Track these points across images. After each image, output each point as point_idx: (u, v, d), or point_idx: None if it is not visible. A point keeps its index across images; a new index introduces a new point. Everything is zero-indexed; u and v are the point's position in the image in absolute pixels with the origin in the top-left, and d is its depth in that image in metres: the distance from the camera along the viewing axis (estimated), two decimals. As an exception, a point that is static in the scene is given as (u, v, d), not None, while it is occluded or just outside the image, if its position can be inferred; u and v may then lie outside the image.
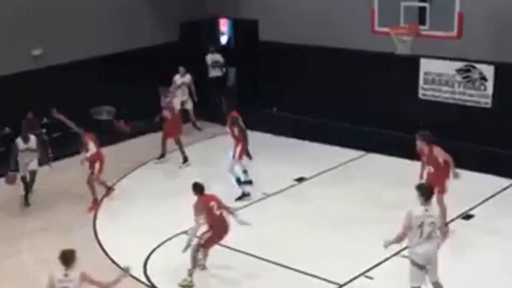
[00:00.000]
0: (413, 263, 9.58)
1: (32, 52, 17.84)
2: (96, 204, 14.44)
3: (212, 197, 11.20)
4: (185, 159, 16.68)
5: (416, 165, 12.60)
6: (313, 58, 19.00)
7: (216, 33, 22.45)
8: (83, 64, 18.49)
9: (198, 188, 11.20)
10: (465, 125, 15.82)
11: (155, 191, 15.04)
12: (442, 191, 12.00)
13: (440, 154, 12.02)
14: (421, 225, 9.36)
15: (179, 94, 19.27)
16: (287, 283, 11.12)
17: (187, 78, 19.64)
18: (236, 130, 14.74)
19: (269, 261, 11.66)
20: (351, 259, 11.60)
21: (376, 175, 15.32)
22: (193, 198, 11.15)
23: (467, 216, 13.02)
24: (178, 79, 19.54)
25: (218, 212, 11.08)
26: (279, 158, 16.34)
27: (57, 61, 18.02)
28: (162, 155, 17.07)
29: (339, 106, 17.51)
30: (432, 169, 12.08)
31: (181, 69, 19.57)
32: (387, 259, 11.36)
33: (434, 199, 10.01)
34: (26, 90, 17.31)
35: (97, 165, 14.43)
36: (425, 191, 9.55)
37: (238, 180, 14.59)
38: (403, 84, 17.36)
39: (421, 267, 9.52)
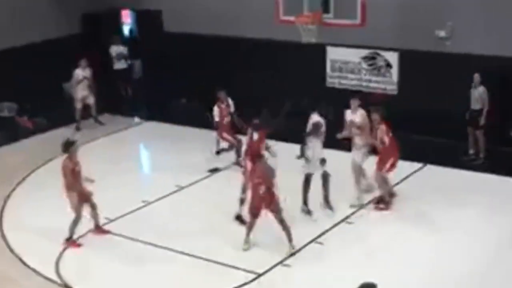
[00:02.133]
0: None
1: None
2: None
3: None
4: None
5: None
6: (219, 48, 18.92)
7: (119, 24, 22.03)
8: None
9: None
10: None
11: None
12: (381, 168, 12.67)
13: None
14: None
15: (80, 89, 18.60)
16: (207, 275, 10.99)
17: (88, 72, 18.71)
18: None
19: (186, 254, 11.51)
20: (269, 249, 11.57)
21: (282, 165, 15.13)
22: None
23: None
24: (79, 73, 18.59)
25: None
26: (191, 150, 16.12)
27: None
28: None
29: (248, 96, 17.45)
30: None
31: (82, 62, 18.55)
32: (304, 246, 11.51)
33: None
34: None
35: None
36: None
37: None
38: (311, 73, 17.50)
39: None
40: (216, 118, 15.13)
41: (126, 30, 22.35)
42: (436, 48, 15.76)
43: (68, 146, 11.91)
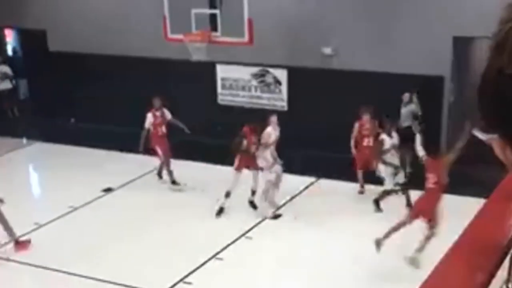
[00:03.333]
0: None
1: None
2: None
3: None
4: None
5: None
6: (106, 67, 18.70)
7: (2, 44, 21.48)
8: None
9: None
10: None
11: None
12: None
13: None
14: None
15: None
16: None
17: None
18: None
19: (86, 277, 11.35)
20: (170, 266, 11.60)
21: (187, 180, 15.21)
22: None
23: (276, 216, 13.47)
24: None
25: None
26: (84, 169, 15.88)
27: None
28: None
29: (138, 115, 17.35)
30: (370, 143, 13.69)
31: None
32: (204, 263, 11.58)
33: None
34: None
35: None
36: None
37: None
38: (202, 90, 17.65)
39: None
40: (147, 126, 14.51)
41: (9, 49, 21.82)
42: (323, 65, 16.29)
43: None
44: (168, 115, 14.82)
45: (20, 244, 12.25)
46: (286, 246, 12.30)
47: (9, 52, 21.81)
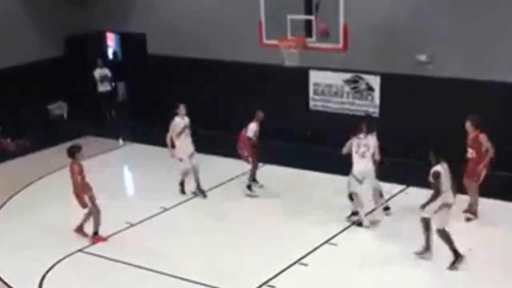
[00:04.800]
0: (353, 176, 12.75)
1: None
2: None
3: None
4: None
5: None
6: (202, 71, 19.07)
7: (103, 47, 22.18)
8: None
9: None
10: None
11: (49, 207, 14.57)
12: (478, 179, 12.80)
13: (484, 141, 12.63)
14: (357, 147, 12.69)
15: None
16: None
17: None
18: None
19: (174, 276, 11.52)
20: (254, 268, 11.67)
21: (271, 186, 15.34)
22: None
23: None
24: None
25: None
26: (176, 171, 16.15)
27: None
28: None
29: (230, 119, 17.56)
30: (474, 154, 12.78)
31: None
32: (288, 267, 11.59)
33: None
34: None
35: None
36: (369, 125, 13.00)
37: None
38: (294, 96, 17.68)
39: (358, 180, 12.76)
40: (251, 135, 14.68)
41: (110, 52, 22.50)
42: (417, 72, 16.00)
43: (73, 152, 12.45)
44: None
45: (97, 238, 12.76)
46: (370, 255, 12.15)
47: (110, 55, 22.46)
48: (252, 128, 14.65)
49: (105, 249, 12.56)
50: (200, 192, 14.76)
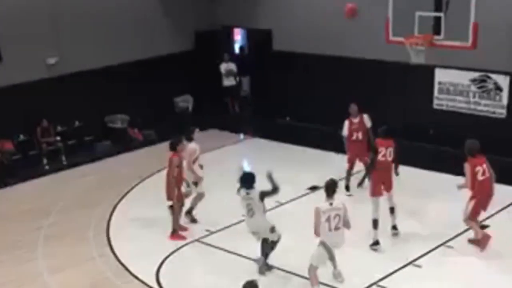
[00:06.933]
0: (325, 247, 10.49)
1: (48, 61, 17.93)
2: None
3: None
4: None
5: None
6: (327, 68, 19.02)
7: (230, 42, 22.56)
8: (98, 73, 18.63)
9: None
10: (480, 135, 15.69)
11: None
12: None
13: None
14: (328, 219, 10.30)
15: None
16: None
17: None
18: None
19: (289, 272, 11.62)
20: (364, 269, 11.57)
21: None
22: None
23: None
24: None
25: None
26: (294, 166, 16.23)
27: (71, 70, 18.15)
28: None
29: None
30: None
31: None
32: (399, 269, 11.44)
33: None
34: (41, 98, 17.40)
35: None
36: (328, 187, 10.43)
37: None
38: (418, 94, 17.34)
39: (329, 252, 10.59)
40: (344, 133, 14.69)
41: (236, 47, 22.84)
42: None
43: (175, 144, 12.93)
44: (368, 122, 14.76)
45: (176, 235, 13.05)
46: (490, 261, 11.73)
47: (236, 50, 22.79)
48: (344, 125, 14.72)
49: (221, 240, 12.82)
50: (190, 216, 13.80)
